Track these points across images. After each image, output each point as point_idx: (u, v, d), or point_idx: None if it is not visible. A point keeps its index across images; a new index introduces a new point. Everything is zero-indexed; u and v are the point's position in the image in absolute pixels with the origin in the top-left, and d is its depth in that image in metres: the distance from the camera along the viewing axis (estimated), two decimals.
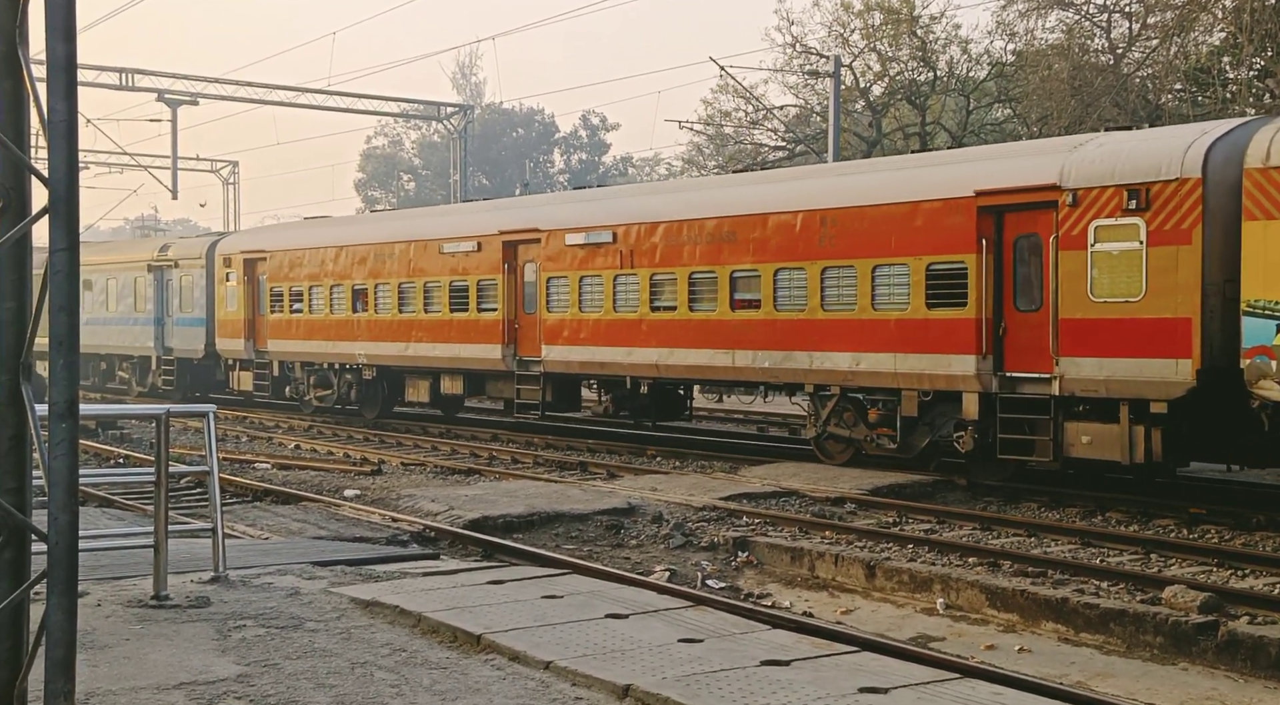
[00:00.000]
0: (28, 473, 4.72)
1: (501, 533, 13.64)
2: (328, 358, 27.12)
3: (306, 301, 27.51)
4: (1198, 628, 9.63)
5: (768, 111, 42.63)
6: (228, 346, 30.29)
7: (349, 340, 26.24)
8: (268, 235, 30.75)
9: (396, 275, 25.04)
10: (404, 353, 24.82)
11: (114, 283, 35.34)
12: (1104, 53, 34.09)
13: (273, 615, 8.09)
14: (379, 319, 25.51)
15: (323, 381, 27.70)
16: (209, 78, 44.00)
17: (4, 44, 4.56)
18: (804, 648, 7.36)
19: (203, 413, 9.16)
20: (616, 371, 20.58)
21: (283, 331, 28.34)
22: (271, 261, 28.73)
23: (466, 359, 23.41)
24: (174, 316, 32.74)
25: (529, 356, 22.16)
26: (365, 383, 26.49)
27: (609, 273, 20.42)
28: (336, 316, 26.64)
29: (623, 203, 21.33)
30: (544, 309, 21.62)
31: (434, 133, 74.24)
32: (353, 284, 26.20)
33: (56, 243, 4.41)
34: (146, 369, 34.14)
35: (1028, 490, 16.23)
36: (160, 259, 33.35)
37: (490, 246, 22.83)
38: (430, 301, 24.21)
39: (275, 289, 28.55)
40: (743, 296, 18.48)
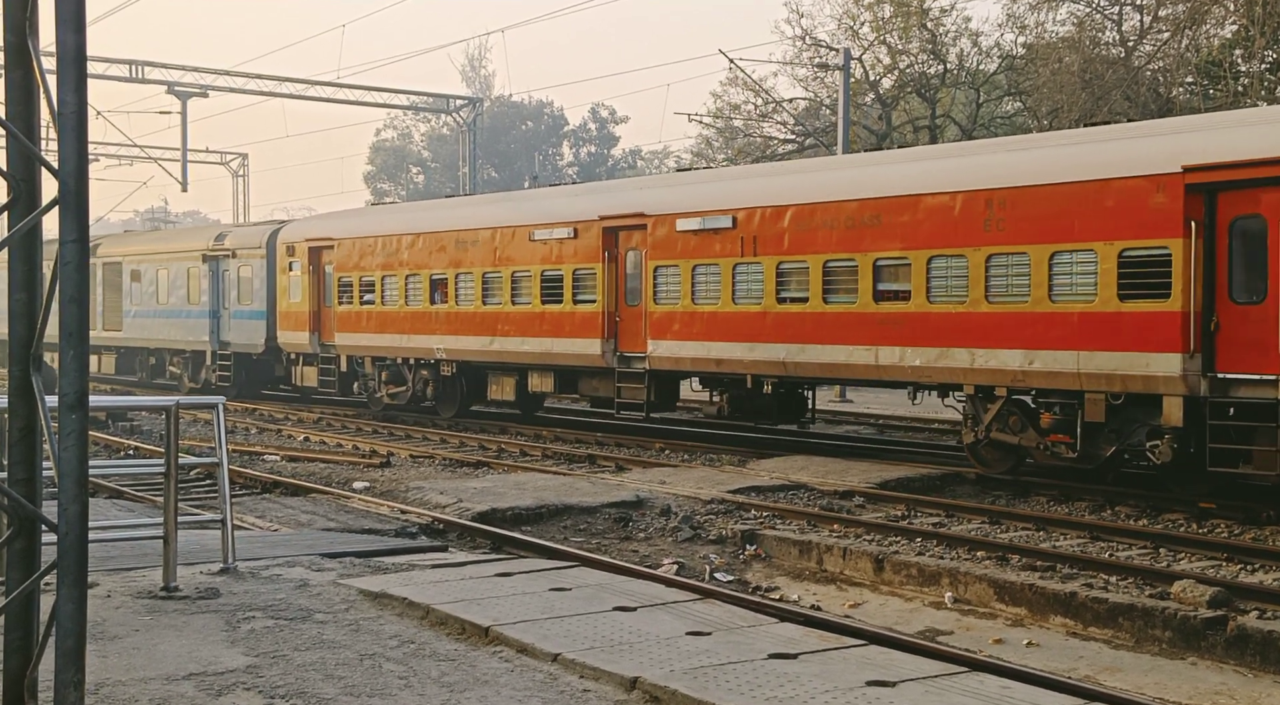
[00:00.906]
0: (38, 464, 4.74)
1: (510, 525, 13.65)
2: (402, 352, 25.50)
3: (379, 292, 25.84)
4: (1207, 622, 9.61)
5: (777, 104, 42.57)
6: (290, 340, 28.71)
7: (426, 334, 24.63)
8: (335, 222, 28.67)
9: (480, 264, 23.34)
10: (488, 347, 23.17)
11: (165, 273, 33.71)
12: (1115, 46, 33.98)
13: (282, 607, 8.11)
14: (460, 311, 23.85)
15: (395, 378, 26.12)
16: (219, 70, 44.04)
17: (15, 36, 4.57)
18: (812, 641, 7.36)
19: (212, 405, 9.18)
20: (735, 369, 18.87)
21: (352, 324, 26.74)
22: (339, 250, 27.08)
23: (559, 355, 21.76)
24: (231, 309, 31.17)
25: (632, 352, 20.58)
26: (443, 379, 24.93)
27: (727, 261, 18.72)
28: (412, 308, 25.00)
29: (745, 184, 19.44)
30: (650, 300, 19.98)
31: (443, 126, 74.24)
32: (431, 273, 24.51)
33: (66, 234, 4.42)
34: (200, 364, 32.63)
35: (1037, 484, 16.20)
36: (216, 249, 31.71)
37: (588, 233, 21.11)
38: (518, 292, 22.54)
39: (344, 279, 26.92)
40: (888, 287, 16.80)
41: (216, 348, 31.67)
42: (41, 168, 4.63)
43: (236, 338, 30.95)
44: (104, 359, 36.80)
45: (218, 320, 31.57)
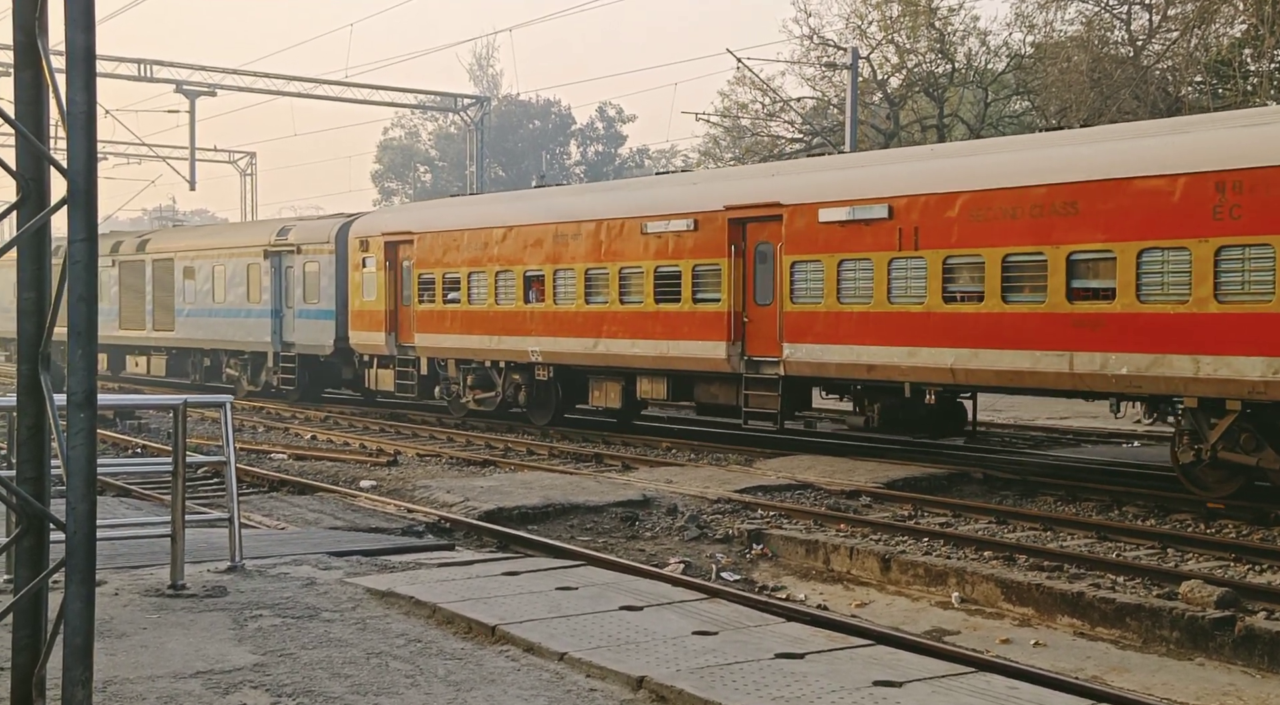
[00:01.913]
0: (47, 462, 4.75)
1: (517, 524, 13.66)
2: (490, 355, 23.58)
3: (465, 290, 24.00)
4: (1215, 623, 9.59)
5: (785, 103, 42.55)
6: (364, 341, 26.84)
7: (519, 335, 22.68)
8: (415, 214, 26.85)
9: (583, 260, 21.40)
10: (591, 350, 21.25)
11: (222, 270, 31.83)
12: (1124, 45, 33.92)
13: (289, 605, 8.12)
14: (559, 311, 21.91)
15: (483, 382, 24.30)
16: (227, 69, 44.12)
17: (24, 35, 4.58)
18: (818, 640, 7.36)
19: (220, 403, 9.20)
20: (891, 376, 16.94)
21: (434, 324, 24.87)
22: (420, 245, 25.11)
23: (676, 358, 19.88)
24: (295, 307, 29.25)
25: (762, 356, 18.68)
26: (537, 384, 23.00)
27: (881, 255, 16.80)
28: (503, 307, 23.09)
29: (904, 169, 17.30)
30: (785, 299, 18.06)
31: (451, 124, 74.30)
32: (525, 270, 22.59)
33: (75, 233, 4.43)
34: (260, 366, 30.90)
35: (1044, 484, 16.18)
36: (279, 244, 29.85)
37: (712, 225, 19.22)
38: (627, 290, 20.69)
39: (425, 276, 25.02)
40: (1085, 284, 14.92)
41: (279, 348, 29.88)
42: (50, 167, 4.64)
43: (302, 338, 29.15)
44: (154, 360, 35.32)
45: (280, 319, 29.79)
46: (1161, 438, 20.58)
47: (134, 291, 35.36)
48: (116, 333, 35.74)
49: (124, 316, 35.85)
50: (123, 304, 35.95)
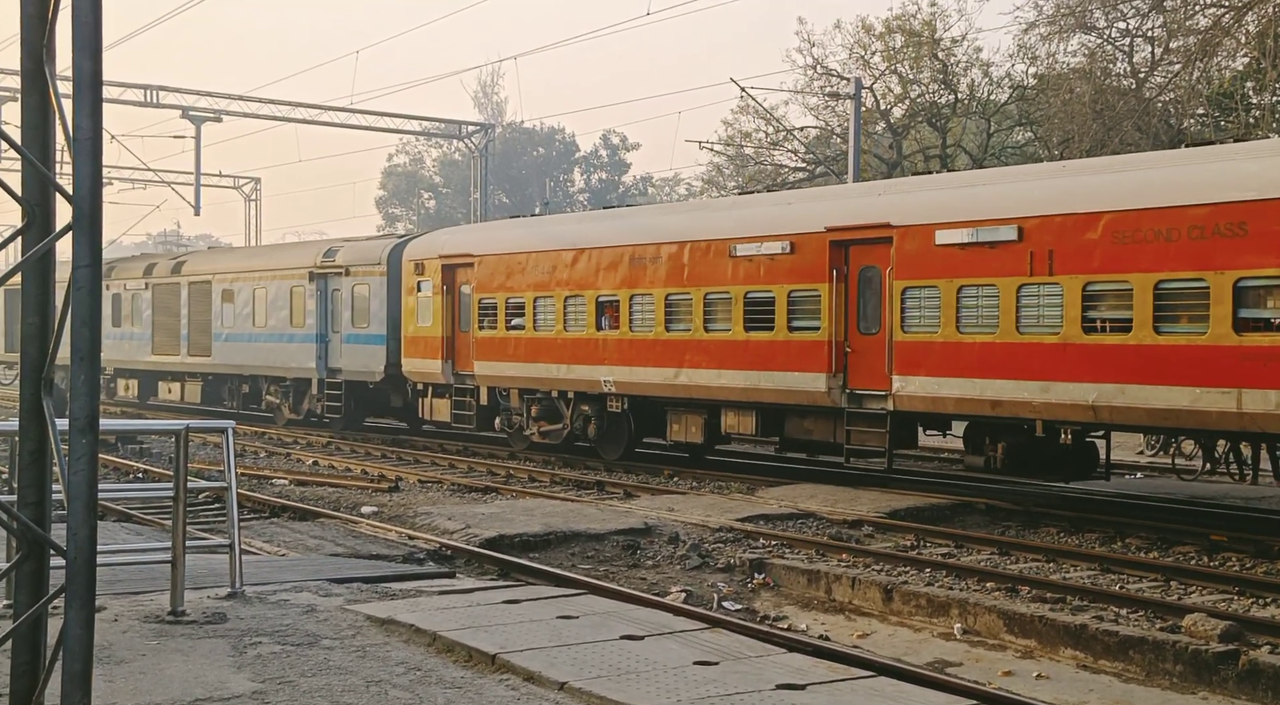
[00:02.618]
0: (48, 487, 4.74)
1: (518, 551, 13.62)
2: (558, 385, 22.26)
3: (529, 316, 22.66)
4: (1218, 656, 9.54)
5: (788, 132, 42.69)
6: (418, 368, 25.43)
7: (590, 364, 21.39)
8: (475, 236, 25.44)
9: (662, 284, 20.10)
10: (672, 381, 19.93)
11: (263, 293, 30.37)
12: (1126, 77, 34.05)
13: (289, 632, 8.09)
14: (636, 339, 20.57)
15: (548, 413, 22.96)
16: (233, 95, 44.31)
17: (31, 60, 4.60)
18: (820, 671, 7.32)
19: (222, 428, 9.19)
20: (1020, 413, 15.50)
21: (496, 352, 23.53)
22: (481, 268, 23.85)
23: (767, 390, 18.51)
24: (342, 332, 27.76)
25: (868, 389, 17.26)
26: (609, 416, 21.70)
27: (1009, 281, 15.46)
28: (573, 334, 21.78)
29: (1034, 187, 15.93)
30: (895, 327, 16.73)
31: (455, 151, 74.54)
32: (598, 295, 21.29)
33: (80, 259, 4.44)
34: (303, 393, 29.41)
35: (1047, 515, 16.13)
36: (325, 265, 28.36)
37: (810, 247, 17.88)
38: (713, 317, 19.37)
39: (486, 301, 23.71)
40: (1256, 314, 13.53)
41: (324, 375, 28.34)
42: (55, 192, 4.65)
43: (349, 364, 27.62)
44: (188, 387, 33.84)
45: (326, 345, 28.30)
46: (1164, 469, 20.53)
47: (169, 315, 34.08)
48: (149, 358, 34.81)
49: (157, 341, 34.58)
50: (156, 328, 34.60)
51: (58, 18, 4.59)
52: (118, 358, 35.84)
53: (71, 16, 4.40)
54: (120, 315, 36.17)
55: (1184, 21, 30.26)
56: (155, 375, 35.40)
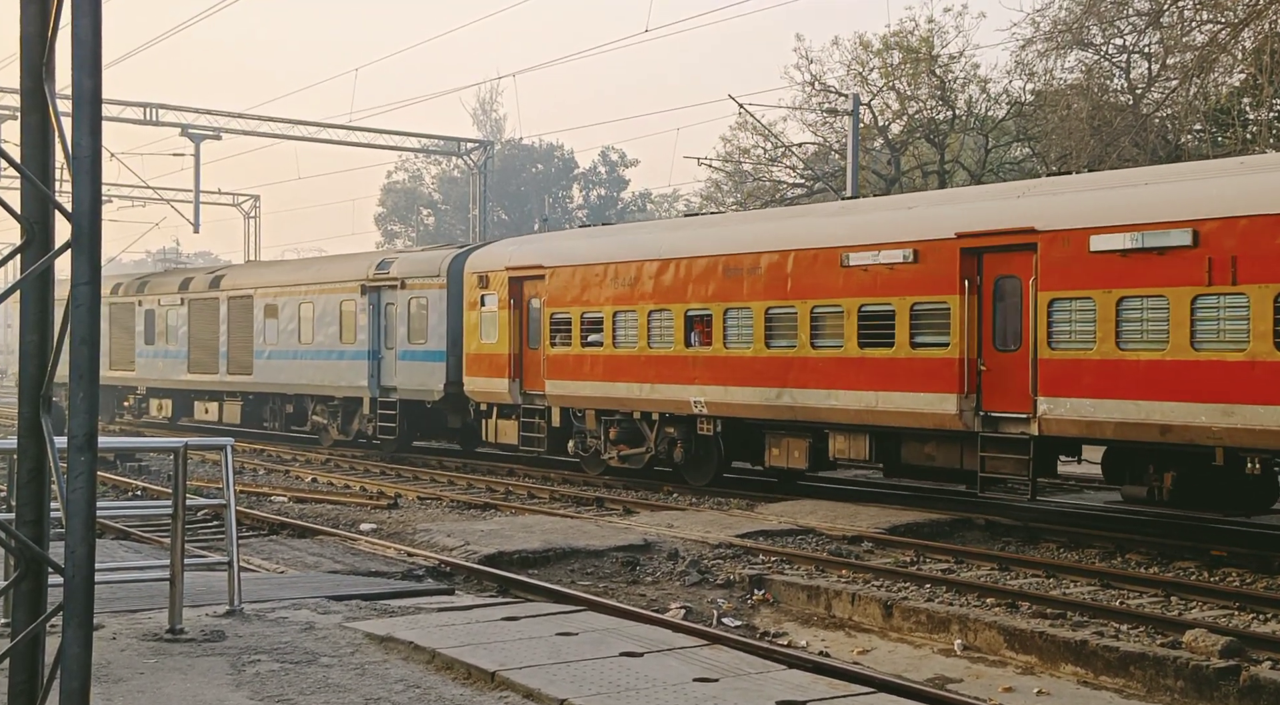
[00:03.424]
0: (46, 505, 4.73)
1: (517, 568, 13.60)
2: (640, 405, 20.75)
3: (608, 332, 21.11)
4: (1219, 672, 9.52)
5: (786, 149, 42.77)
6: (482, 387, 23.84)
7: (678, 383, 19.88)
8: (546, 246, 23.62)
9: (762, 297, 18.56)
10: (773, 401, 18.38)
11: (309, 308, 28.73)
12: (1123, 93, 34.14)
13: (287, 650, 8.07)
14: (731, 356, 19.04)
15: (629, 435, 21.42)
16: (232, 113, 44.39)
17: (31, 79, 4.61)
18: (820, 688, 7.30)
19: (220, 446, 9.18)
20: (1196, 439, 13.78)
21: (569, 370, 21.94)
22: (553, 281, 22.31)
23: (884, 412, 16.94)
24: (397, 348, 26.17)
25: (1005, 411, 15.66)
26: (698, 439, 20.20)
27: (1180, 291, 13.88)
28: (658, 351, 20.26)
29: (1211, 186, 14.17)
30: (1041, 343, 15.12)
31: (454, 168, 74.70)
32: (687, 309, 19.76)
33: (79, 277, 4.44)
34: (353, 413, 27.83)
35: (1047, 530, 16.11)
36: (379, 278, 26.77)
37: (937, 255, 16.33)
38: (821, 333, 17.82)
39: (558, 315, 22.17)
40: None
41: (376, 394, 26.73)
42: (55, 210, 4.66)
43: (405, 382, 25.98)
44: (227, 407, 32.20)
45: (379, 362, 26.69)
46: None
47: (206, 332, 32.62)
48: (185, 377, 33.37)
49: (193, 359, 33.05)
50: (193, 346, 33.10)
51: (57, 36, 4.60)
52: (150, 377, 34.87)
53: (71, 35, 4.42)
54: (154, 332, 34.93)
55: (1181, 38, 30.36)
56: (191, 395, 33.80)
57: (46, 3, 4.61)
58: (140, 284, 36.47)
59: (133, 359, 35.76)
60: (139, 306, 35.71)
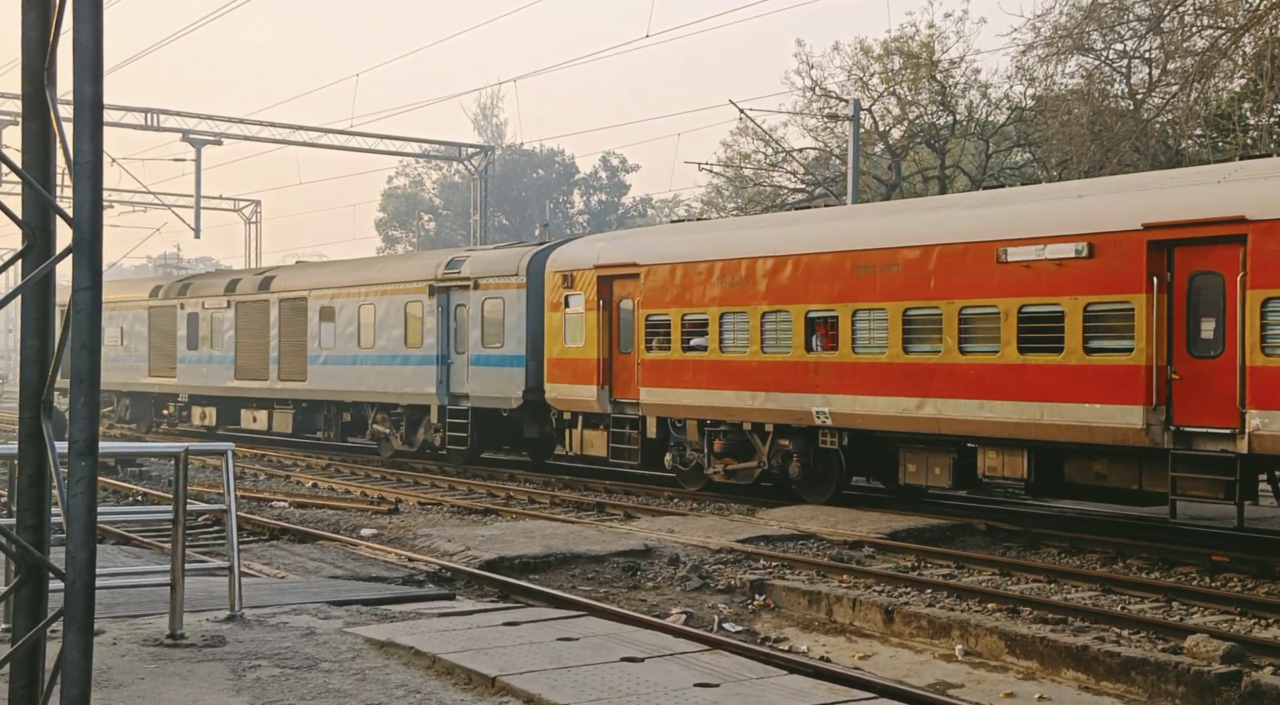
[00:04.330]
0: (47, 511, 4.74)
1: (518, 573, 13.59)
2: (752, 415, 19.06)
3: (714, 335, 19.42)
4: (1221, 678, 9.51)
5: (787, 154, 42.80)
6: (566, 395, 22.21)
7: (797, 391, 18.14)
8: (640, 243, 22.03)
9: (898, 296, 16.84)
10: (913, 412, 16.62)
11: (369, 310, 27.15)
12: (1124, 98, 34.17)
13: (288, 655, 8.07)
14: (861, 362, 17.32)
15: (736, 448, 19.78)
16: (233, 118, 44.45)
17: (32, 85, 4.62)
18: (821, 693, 7.30)
19: (221, 451, 9.19)
20: None
21: (668, 377, 20.25)
22: (650, 279, 20.60)
23: (1051, 426, 15.14)
24: (469, 353, 24.51)
25: (1204, 426, 13.90)
26: (818, 453, 18.55)
27: None
28: (774, 357, 18.52)
29: None
30: (1253, 349, 13.34)
31: (455, 173, 74.72)
32: (808, 310, 18.04)
33: (80, 282, 4.45)
34: (418, 422, 26.33)
35: (1047, 536, 16.10)
36: (448, 278, 25.10)
37: (1118, 249, 14.60)
38: (971, 336, 16.09)
39: (655, 317, 20.51)
40: None
41: (445, 401, 25.07)
42: (56, 215, 4.67)
43: (478, 389, 24.24)
44: (277, 415, 30.58)
45: (448, 367, 25.05)
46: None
47: (255, 336, 30.87)
48: (231, 384, 31.75)
49: (240, 365, 31.35)
50: (240, 350, 31.40)
51: (59, 43, 4.61)
52: (193, 383, 33.36)
53: (73, 42, 4.43)
54: (197, 337, 33.25)
55: (1181, 43, 30.38)
56: (238, 402, 32.06)
57: (48, 9, 4.62)
58: (182, 286, 34.81)
59: (174, 365, 34.28)
60: (181, 310, 34.07)
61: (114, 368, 35.72)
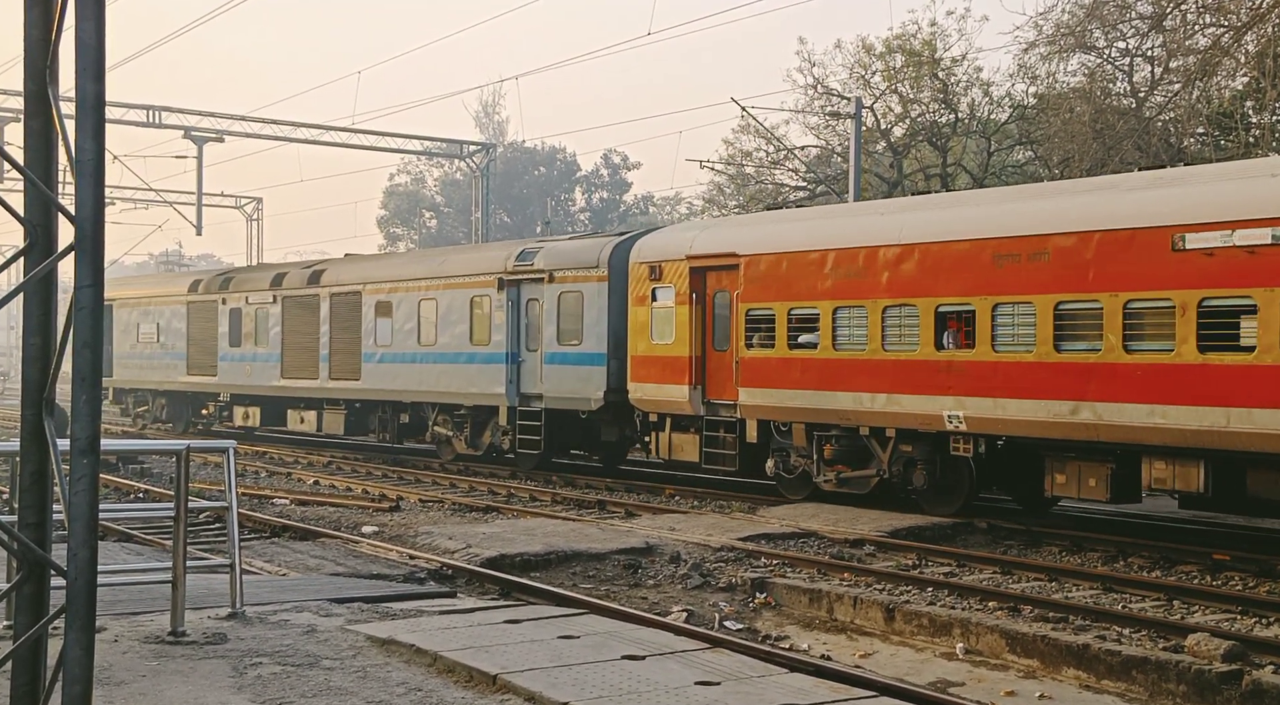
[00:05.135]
0: (49, 509, 4.74)
1: (519, 571, 13.60)
2: (870, 419, 17.48)
3: (826, 330, 17.87)
4: (1221, 676, 9.51)
5: (789, 152, 42.79)
6: (652, 395, 20.76)
7: (926, 393, 16.57)
8: (740, 231, 20.33)
9: (1048, 288, 15.24)
10: (1067, 417, 14.98)
11: (431, 305, 25.70)
12: (1126, 96, 34.15)
13: (289, 652, 8.07)
14: (1003, 361, 15.72)
15: (849, 454, 18.24)
16: (235, 115, 44.48)
17: (35, 82, 4.62)
18: (822, 692, 7.30)
19: (223, 448, 9.19)
20: None
21: (772, 376, 18.71)
22: (751, 270, 19.09)
23: (1243, 434, 13.52)
24: (543, 350, 23.10)
25: None
26: (948, 461, 17.02)
27: None
28: (897, 354, 16.98)
29: None
30: None
31: (457, 170, 74.75)
32: (938, 304, 16.52)
33: (81, 279, 4.45)
34: (484, 423, 24.80)
35: (1049, 534, 16.10)
36: (520, 270, 23.65)
37: None
38: (1138, 332, 14.55)
39: (757, 312, 18.98)
40: None
41: (515, 402, 23.59)
42: (58, 213, 4.67)
43: (553, 389, 22.86)
44: (328, 416, 28.93)
45: (519, 366, 23.64)
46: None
47: (304, 333, 29.27)
48: (277, 383, 30.04)
49: (288, 363, 29.70)
50: (287, 348, 29.79)
51: (61, 40, 4.61)
52: (235, 382, 31.71)
53: (75, 39, 4.43)
54: (239, 334, 31.56)
55: (1183, 41, 30.36)
56: (284, 402, 30.43)
57: (50, 7, 4.62)
58: (224, 280, 33.11)
59: (214, 363, 32.61)
60: (223, 305, 32.34)
61: (150, 366, 35.02)
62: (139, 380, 36.06)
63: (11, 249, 49.94)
